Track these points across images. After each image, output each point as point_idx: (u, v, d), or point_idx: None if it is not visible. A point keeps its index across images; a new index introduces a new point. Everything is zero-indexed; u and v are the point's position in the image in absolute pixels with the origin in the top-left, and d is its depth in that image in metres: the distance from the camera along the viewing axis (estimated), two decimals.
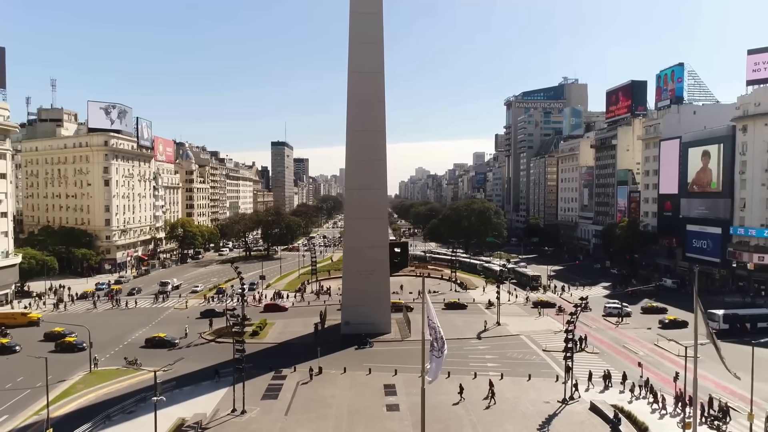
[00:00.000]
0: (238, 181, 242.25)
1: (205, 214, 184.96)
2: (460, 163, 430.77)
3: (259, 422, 40.10)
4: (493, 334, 65.62)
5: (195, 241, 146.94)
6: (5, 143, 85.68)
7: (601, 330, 68.62)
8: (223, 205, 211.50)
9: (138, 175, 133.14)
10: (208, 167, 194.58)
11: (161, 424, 38.89)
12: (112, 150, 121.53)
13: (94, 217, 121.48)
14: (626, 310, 74.65)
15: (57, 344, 60.60)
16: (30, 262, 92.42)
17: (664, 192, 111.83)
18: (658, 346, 59.67)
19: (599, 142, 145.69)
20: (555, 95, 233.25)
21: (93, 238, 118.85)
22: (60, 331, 64.38)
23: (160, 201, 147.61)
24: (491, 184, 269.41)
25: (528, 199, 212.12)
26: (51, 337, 63.58)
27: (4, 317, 72.34)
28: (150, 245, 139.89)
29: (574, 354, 56.72)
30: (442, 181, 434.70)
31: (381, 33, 65.43)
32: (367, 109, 64.83)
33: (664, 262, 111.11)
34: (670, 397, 42.99)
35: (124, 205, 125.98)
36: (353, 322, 64.69)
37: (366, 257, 64.87)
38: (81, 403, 44.73)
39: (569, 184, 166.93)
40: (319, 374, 50.39)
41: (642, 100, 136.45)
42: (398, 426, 39.27)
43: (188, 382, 49.02)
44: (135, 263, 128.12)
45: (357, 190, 65.93)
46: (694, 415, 33.65)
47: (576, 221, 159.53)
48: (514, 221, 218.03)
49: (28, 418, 41.78)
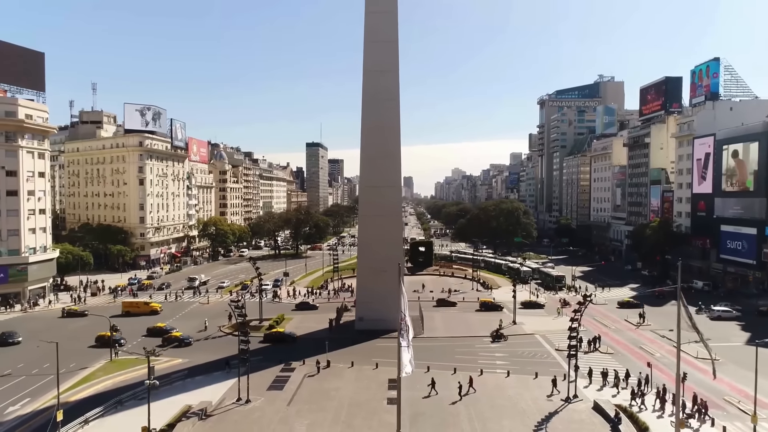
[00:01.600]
0: (272, 181, 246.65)
1: (238, 213, 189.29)
2: (497, 164, 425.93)
3: (261, 411, 41.18)
4: (507, 332, 65.01)
5: (226, 239, 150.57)
6: (44, 143, 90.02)
7: (619, 331, 67.15)
8: (256, 204, 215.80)
9: (172, 174, 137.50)
10: (242, 167, 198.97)
11: (170, 410, 40.76)
12: (147, 150, 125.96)
13: (129, 215, 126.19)
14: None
15: (164, 339, 60.95)
16: (67, 257, 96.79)
17: (698, 191, 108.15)
18: (675, 347, 57.92)
19: (632, 140, 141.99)
20: (590, 93, 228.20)
21: (128, 235, 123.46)
22: (162, 326, 65.85)
23: (194, 200, 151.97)
24: (525, 184, 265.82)
25: (561, 199, 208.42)
26: (154, 332, 64.25)
27: (130, 305, 78.74)
28: (183, 243, 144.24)
29: (587, 354, 56.77)
30: (477, 182, 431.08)
31: (395, 32, 65.86)
32: (381, 107, 65.31)
33: (697, 263, 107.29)
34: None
35: (157, 203, 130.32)
36: (367, 318, 65.34)
37: (379, 254, 65.21)
38: (98, 389, 46.83)
39: (602, 184, 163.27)
40: (327, 367, 51.22)
41: (677, 97, 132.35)
42: (393, 418, 39.52)
43: (200, 372, 50.73)
44: (168, 260, 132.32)
45: (371, 188, 66.54)
46: (677, 412, 32.98)
47: (608, 222, 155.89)
48: (546, 222, 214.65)
49: (47, 401, 44.01)
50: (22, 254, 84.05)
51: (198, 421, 39.10)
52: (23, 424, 39.36)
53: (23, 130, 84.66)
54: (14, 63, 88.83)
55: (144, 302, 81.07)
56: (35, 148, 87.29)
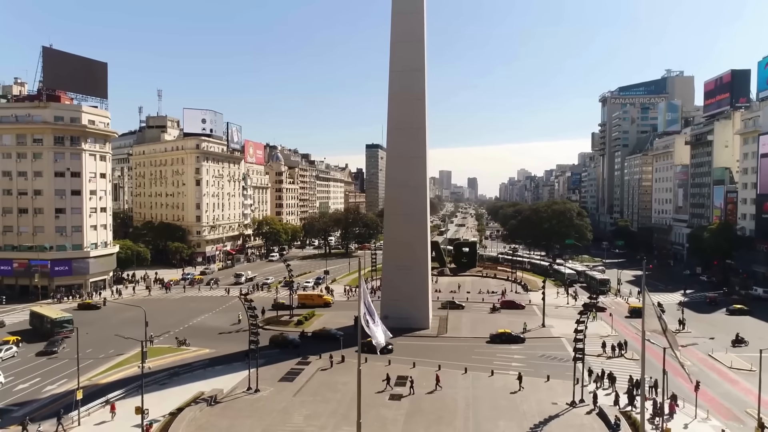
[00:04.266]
0: (329, 182, 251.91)
1: (293, 213, 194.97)
2: (563, 164, 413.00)
3: (266, 400, 42.97)
4: (533, 335, 63.73)
5: (279, 238, 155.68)
6: (105, 147, 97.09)
7: (656, 337, 63.98)
8: (313, 204, 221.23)
9: (227, 175, 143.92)
10: (298, 169, 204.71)
11: (184, 395, 43.51)
12: (203, 152, 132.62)
13: (186, 214, 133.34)
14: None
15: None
16: (126, 252, 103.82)
17: (764, 192, 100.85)
18: (711, 356, 55.01)
19: (694, 138, 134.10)
20: (656, 89, 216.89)
21: (185, 233, 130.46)
22: None
23: (249, 200, 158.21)
24: (586, 184, 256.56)
25: (622, 200, 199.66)
26: None
27: (305, 297, 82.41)
28: (238, 241, 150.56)
29: (610, 359, 54.93)
30: (539, 183, 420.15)
31: (422, 32, 66.20)
32: (407, 107, 65.87)
33: (762, 269, 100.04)
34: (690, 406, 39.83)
35: (213, 203, 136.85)
36: (392, 316, 65.87)
37: (404, 253, 65.83)
38: (126, 374, 50.36)
39: (663, 185, 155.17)
40: (342, 362, 52.43)
41: (744, 91, 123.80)
42: (391, 413, 40.26)
43: (222, 362, 53.38)
44: (223, 257, 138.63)
45: (396, 187, 67.10)
46: (642, 411, 31.61)
47: (669, 224, 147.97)
48: (607, 224, 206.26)
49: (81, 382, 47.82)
50: (84, 249, 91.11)
51: (206, 406, 41.38)
52: (54, 402, 43.09)
53: (86, 134, 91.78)
54: (80, 73, 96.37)
55: (318, 295, 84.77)
56: (97, 150, 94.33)
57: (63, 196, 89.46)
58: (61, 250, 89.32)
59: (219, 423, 38.70)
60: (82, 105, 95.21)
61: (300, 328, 66.74)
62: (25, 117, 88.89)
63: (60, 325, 62.49)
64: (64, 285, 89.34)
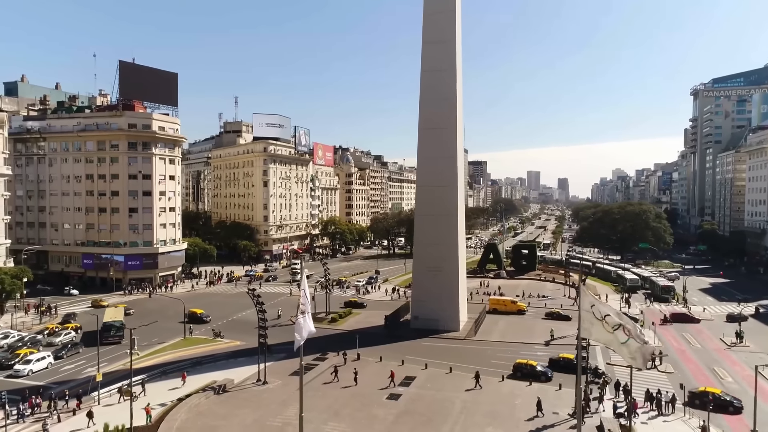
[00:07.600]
0: (402, 183, 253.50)
1: (364, 213, 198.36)
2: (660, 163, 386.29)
3: (271, 392, 44.77)
4: (566, 342, 60.94)
5: (345, 238, 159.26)
6: (174, 151, 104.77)
7: (701, 350, 58.91)
8: (384, 205, 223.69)
9: (295, 177, 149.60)
10: (369, 170, 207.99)
11: (198, 384, 46.32)
12: (270, 155, 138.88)
13: (255, 214, 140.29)
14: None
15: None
16: (194, 249, 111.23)
17: None
18: (761, 374, 49.68)
19: None
20: (757, 80, 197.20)
21: (254, 232, 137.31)
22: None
23: (317, 201, 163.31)
24: (677, 184, 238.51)
25: (713, 201, 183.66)
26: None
27: (496, 303, 77.45)
28: (306, 240, 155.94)
29: (641, 371, 51.28)
30: (630, 183, 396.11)
31: (454, 31, 65.53)
32: (439, 107, 65.49)
33: None
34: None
35: (280, 203, 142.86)
36: (422, 317, 65.91)
37: (435, 254, 65.47)
38: (159, 361, 54.42)
39: (757, 184, 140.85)
40: (357, 360, 53.25)
41: None
42: (382, 412, 40.50)
43: (245, 354, 56.08)
44: (290, 255, 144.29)
45: (428, 188, 66.88)
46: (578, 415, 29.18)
47: (763, 227, 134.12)
48: (697, 227, 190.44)
49: (116, 366, 52.43)
50: (154, 246, 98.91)
51: (213, 395, 43.92)
52: (87, 382, 47.54)
53: (156, 140, 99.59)
54: (153, 84, 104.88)
55: (511, 300, 78.78)
56: (166, 155, 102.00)
57: (135, 197, 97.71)
58: (133, 246, 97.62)
59: (217, 410, 40.94)
60: (154, 113, 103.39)
61: (332, 325, 68.39)
62: (104, 125, 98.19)
63: (108, 329, 61.59)
64: (136, 279, 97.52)
